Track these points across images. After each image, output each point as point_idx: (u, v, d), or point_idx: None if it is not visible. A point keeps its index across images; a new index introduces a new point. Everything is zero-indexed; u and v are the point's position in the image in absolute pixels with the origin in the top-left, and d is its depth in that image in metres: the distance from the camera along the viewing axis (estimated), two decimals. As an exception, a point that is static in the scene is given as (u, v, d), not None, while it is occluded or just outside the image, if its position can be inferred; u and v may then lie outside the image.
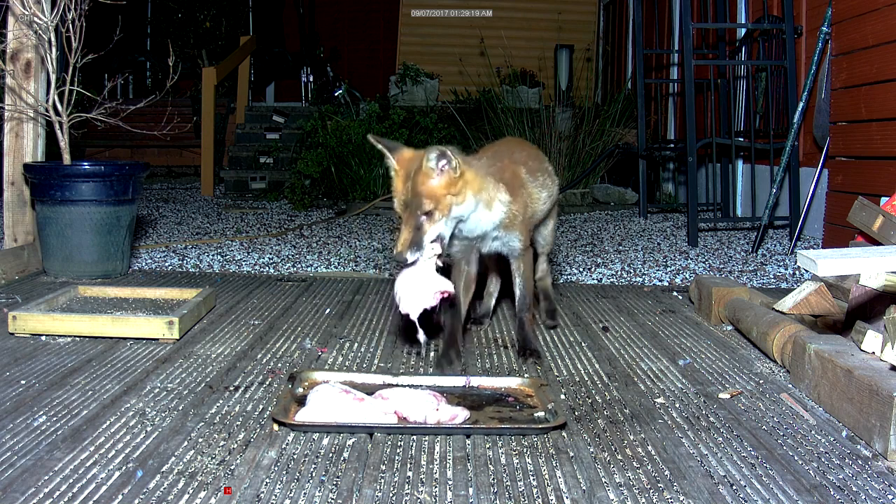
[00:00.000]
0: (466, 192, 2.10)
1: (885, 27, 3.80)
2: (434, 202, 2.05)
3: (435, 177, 2.05)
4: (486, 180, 2.18)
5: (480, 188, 2.15)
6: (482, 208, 2.18)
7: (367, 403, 1.78)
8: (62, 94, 3.26)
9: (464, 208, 2.12)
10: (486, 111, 7.39)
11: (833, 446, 1.70)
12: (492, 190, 2.19)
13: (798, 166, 4.93)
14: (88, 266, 3.30)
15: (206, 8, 11.49)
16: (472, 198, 2.13)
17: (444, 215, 2.08)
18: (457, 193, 2.08)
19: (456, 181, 2.07)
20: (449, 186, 2.06)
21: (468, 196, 2.11)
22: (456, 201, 2.09)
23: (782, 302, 2.47)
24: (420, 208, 2.05)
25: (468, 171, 2.12)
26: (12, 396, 1.91)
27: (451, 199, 2.08)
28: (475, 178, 2.14)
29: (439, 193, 2.05)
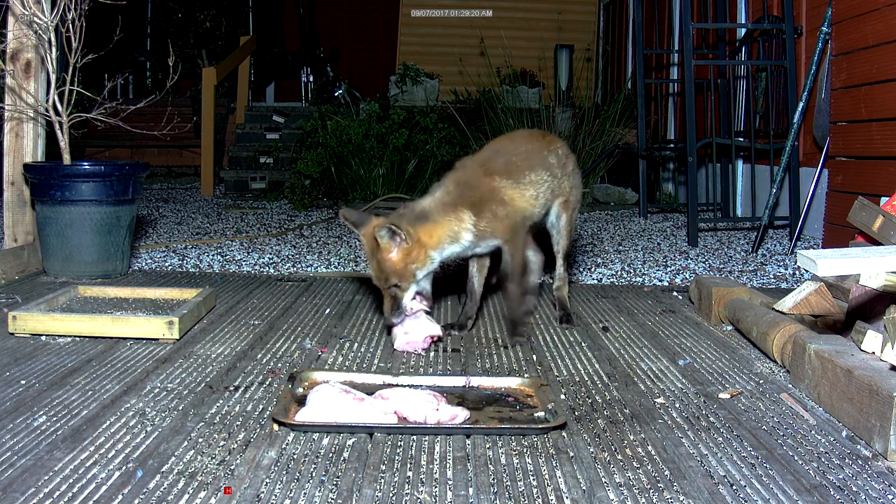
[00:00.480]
0: (426, 254, 2.34)
1: (885, 27, 3.80)
2: (398, 276, 2.33)
3: (393, 251, 2.31)
4: (446, 224, 2.37)
5: (441, 239, 2.36)
6: (450, 246, 2.40)
7: (367, 403, 1.78)
8: (62, 94, 3.26)
9: (428, 267, 2.37)
10: (486, 111, 7.40)
11: (833, 446, 1.70)
12: (454, 226, 2.38)
13: (798, 166, 4.93)
14: (88, 266, 3.30)
15: (206, 8, 11.49)
16: (435, 251, 2.36)
17: (410, 282, 2.35)
18: (415, 261, 2.33)
19: (411, 250, 2.32)
20: (406, 258, 2.32)
21: (430, 255, 2.35)
22: (418, 266, 2.34)
23: (782, 302, 2.47)
24: (388, 282, 2.34)
25: (423, 231, 2.33)
26: (12, 396, 1.91)
27: (413, 266, 2.33)
28: (433, 233, 2.35)
29: (399, 268, 2.32)
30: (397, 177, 7.08)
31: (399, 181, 7.08)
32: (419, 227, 2.33)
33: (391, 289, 2.35)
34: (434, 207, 2.39)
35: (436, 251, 2.37)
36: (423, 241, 2.33)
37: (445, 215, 2.37)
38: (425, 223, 2.35)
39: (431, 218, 2.36)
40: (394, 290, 2.35)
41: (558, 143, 2.78)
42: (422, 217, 2.36)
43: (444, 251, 2.40)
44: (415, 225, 2.33)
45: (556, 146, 2.73)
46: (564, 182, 2.70)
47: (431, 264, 2.38)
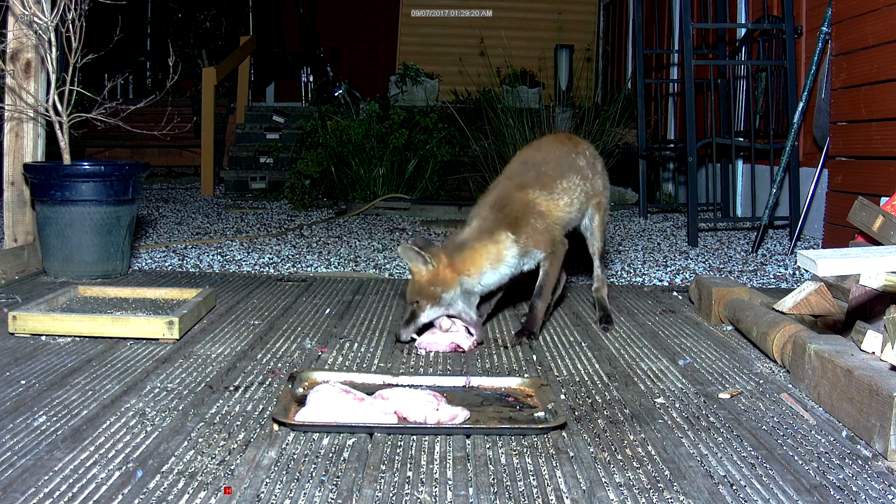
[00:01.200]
0: (457, 280, 2.42)
1: (885, 27, 3.80)
2: (420, 294, 2.42)
3: (420, 272, 2.41)
4: (483, 250, 2.44)
5: (480, 265, 2.44)
6: (493, 270, 2.47)
7: (367, 403, 1.78)
8: (62, 94, 3.26)
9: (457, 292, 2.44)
10: (486, 111, 7.39)
11: (833, 446, 1.70)
12: (492, 249, 2.45)
13: (798, 166, 4.93)
14: (88, 266, 3.30)
15: (206, 8, 11.49)
16: (471, 278, 2.44)
17: (433, 304, 2.42)
18: (440, 284, 2.41)
19: (437, 274, 2.41)
20: (433, 280, 2.41)
21: (463, 281, 2.43)
22: (443, 290, 2.42)
23: (782, 302, 2.47)
24: (411, 298, 2.44)
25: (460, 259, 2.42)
26: (12, 396, 1.91)
27: (437, 289, 2.41)
28: (470, 260, 2.43)
29: (423, 287, 2.41)
30: (397, 177, 7.08)
31: (399, 181, 7.08)
32: (456, 255, 2.43)
33: (413, 304, 2.44)
34: (471, 236, 2.47)
35: (473, 278, 2.44)
36: (457, 267, 2.42)
37: (482, 241, 2.45)
38: (462, 252, 2.44)
39: (469, 246, 2.45)
40: (414, 307, 2.43)
41: (585, 144, 2.79)
42: (461, 246, 2.45)
43: (486, 276, 2.47)
44: (452, 254, 2.43)
45: (583, 148, 2.74)
46: (597, 182, 2.72)
47: (465, 290, 2.45)
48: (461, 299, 2.46)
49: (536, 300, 2.57)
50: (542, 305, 2.56)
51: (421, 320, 2.44)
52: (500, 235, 2.45)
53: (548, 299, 2.59)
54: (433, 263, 2.40)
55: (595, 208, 2.73)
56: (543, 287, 2.56)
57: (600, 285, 2.81)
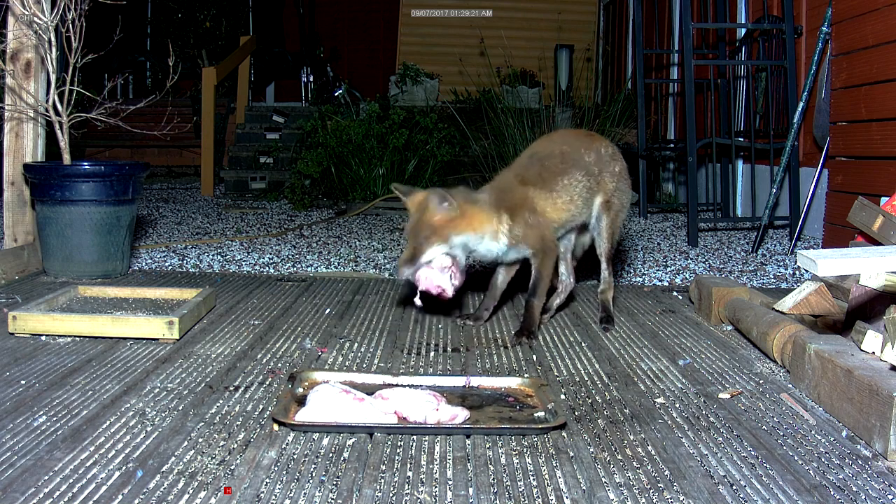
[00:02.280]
0: (465, 229, 2.45)
1: (885, 27, 3.80)
2: (431, 230, 2.41)
3: (437, 213, 2.41)
4: (489, 216, 2.48)
5: (482, 224, 2.47)
6: (489, 240, 2.50)
7: (367, 403, 1.78)
8: (62, 94, 3.26)
9: (464, 239, 2.46)
10: (486, 111, 7.39)
11: (833, 446, 1.70)
12: (495, 223, 2.49)
13: (798, 166, 4.93)
14: (88, 266, 3.30)
15: (206, 8, 11.49)
16: (474, 233, 2.47)
17: (441, 242, 2.43)
18: (455, 228, 2.43)
19: (454, 218, 2.43)
20: (447, 221, 2.42)
21: (467, 232, 2.45)
22: (455, 232, 2.43)
23: (782, 302, 2.47)
24: (419, 235, 2.42)
25: (470, 210, 2.45)
26: (12, 396, 1.91)
27: (449, 231, 2.43)
28: (476, 216, 2.46)
29: (437, 225, 2.42)
30: (397, 177, 7.08)
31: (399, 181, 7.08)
32: (470, 206, 2.46)
33: (418, 241, 2.41)
34: (485, 200, 2.51)
35: (475, 234, 2.47)
36: (469, 217, 2.45)
37: (490, 210, 2.49)
38: (476, 205, 2.47)
39: (480, 204, 2.49)
40: (421, 242, 2.41)
41: (602, 142, 2.77)
42: (476, 201, 2.49)
43: (483, 242, 2.50)
44: (468, 202, 2.46)
45: (598, 145, 2.73)
46: (606, 180, 2.70)
47: (467, 242, 2.47)
48: (461, 247, 2.48)
49: (531, 299, 2.58)
50: (537, 303, 2.58)
51: (424, 258, 2.42)
52: (502, 216, 2.50)
53: (542, 298, 2.60)
54: (455, 209, 2.41)
55: (602, 208, 2.71)
56: (537, 286, 2.57)
57: (606, 288, 2.80)
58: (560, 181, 2.59)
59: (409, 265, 2.42)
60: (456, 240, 2.45)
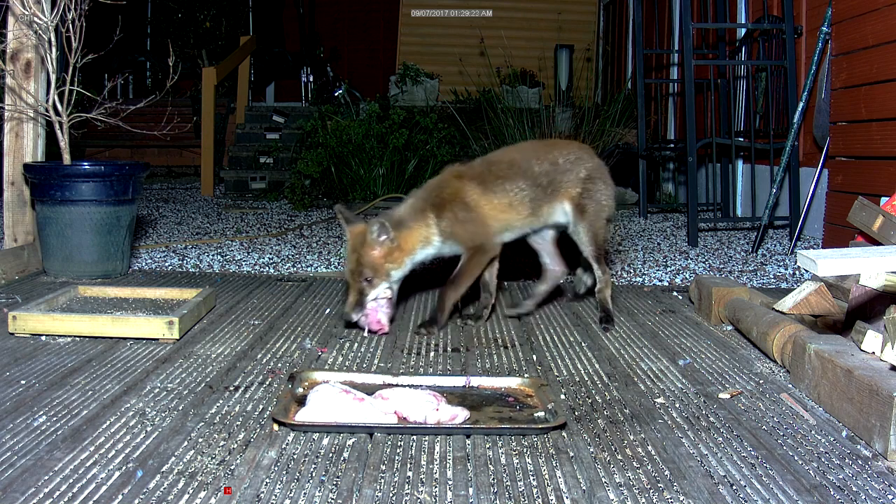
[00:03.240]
0: (402, 257, 2.48)
1: (885, 27, 3.80)
2: (373, 271, 2.45)
3: (377, 248, 2.44)
4: (417, 230, 2.51)
5: (415, 244, 2.50)
6: (422, 250, 2.53)
7: (367, 403, 1.78)
8: (62, 94, 3.26)
9: (403, 269, 2.50)
10: (486, 111, 7.39)
11: (833, 446, 1.70)
12: (424, 230, 2.52)
13: (798, 166, 4.93)
14: (88, 266, 3.30)
15: (206, 8, 11.49)
16: (410, 256, 2.50)
17: (384, 280, 2.47)
18: (393, 261, 2.47)
19: (393, 251, 2.46)
20: (387, 257, 2.45)
21: (404, 259, 2.48)
22: (394, 267, 2.47)
23: (782, 302, 2.47)
24: (362, 276, 2.45)
25: (403, 235, 2.48)
26: (12, 396, 1.91)
27: (389, 266, 2.46)
28: (409, 238, 2.49)
29: (378, 264, 2.45)
30: (397, 177, 7.08)
31: (399, 181, 7.08)
32: (401, 231, 2.49)
33: (362, 283, 2.46)
34: (408, 214, 2.53)
35: (409, 257, 2.51)
36: (402, 243, 2.48)
37: (416, 221, 2.51)
38: (401, 230, 2.49)
39: (406, 224, 2.50)
40: (363, 285, 2.46)
41: (564, 150, 2.74)
42: (399, 224, 2.50)
43: (417, 256, 2.53)
44: (399, 227, 2.49)
45: (556, 154, 2.70)
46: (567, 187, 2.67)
47: (405, 268, 2.52)
48: (399, 280, 2.53)
49: (446, 289, 2.59)
50: (451, 294, 2.59)
51: (370, 300, 2.48)
52: (428, 217, 2.52)
53: (460, 291, 2.60)
54: (394, 240, 2.45)
55: (577, 213, 2.68)
56: (457, 277, 2.58)
57: (603, 286, 2.79)
58: (501, 184, 2.58)
59: (359, 310, 2.46)
60: (396, 274, 2.50)
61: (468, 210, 2.54)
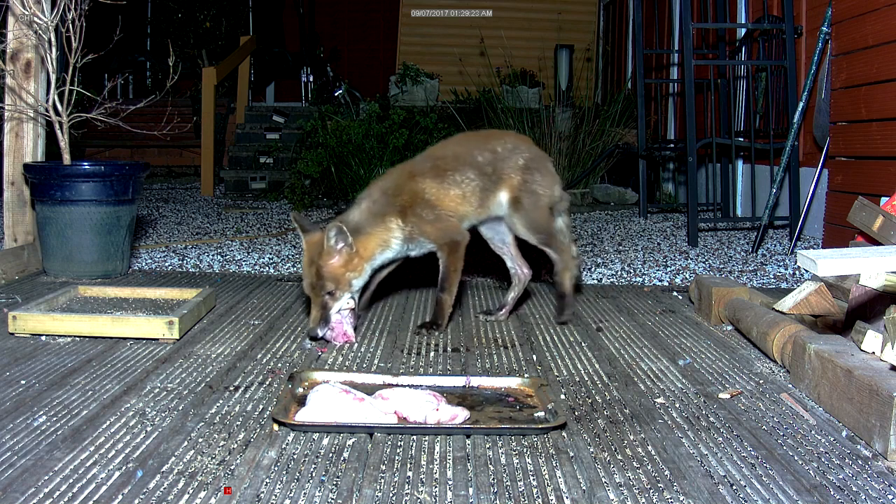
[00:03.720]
0: (361, 263, 2.44)
1: (885, 27, 3.80)
2: (335, 282, 2.39)
3: (335, 257, 2.39)
4: (377, 234, 2.47)
5: (373, 250, 2.46)
6: (381, 255, 2.50)
7: (367, 403, 1.78)
8: (62, 94, 3.26)
9: (364, 276, 2.47)
10: (486, 111, 7.40)
11: (833, 446, 1.70)
12: (384, 234, 2.48)
13: (798, 166, 4.93)
14: (88, 266, 3.30)
15: (206, 8, 11.48)
16: (369, 262, 2.46)
17: (345, 290, 2.42)
18: (353, 269, 2.42)
19: (351, 258, 2.41)
20: (346, 265, 2.40)
21: (363, 266, 2.45)
22: (354, 276, 2.43)
23: (782, 302, 2.47)
24: (324, 290, 2.40)
25: (360, 241, 2.43)
26: (12, 396, 1.91)
27: (350, 275, 2.42)
28: (367, 245, 2.45)
29: (338, 274, 2.40)
30: (397, 177, 7.07)
31: (399, 181, 7.07)
32: (358, 237, 2.44)
33: (324, 297, 2.40)
34: (365, 219, 2.48)
35: (369, 262, 2.48)
36: (361, 249, 2.44)
37: (375, 225, 2.47)
38: (359, 236, 2.44)
39: (363, 230, 2.46)
40: (326, 299, 2.40)
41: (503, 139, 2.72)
42: (356, 230, 2.44)
43: (376, 261, 2.51)
44: (356, 233, 2.44)
45: (495, 144, 2.69)
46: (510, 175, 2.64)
47: (365, 275, 2.48)
48: (360, 287, 2.49)
49: (441, 294, 2.59)
50: (447, 298, 2.59)
51: (333, 311, 2.42)
52: (390, 222, 2.49)
53: (453, 292, 2.60)
54: (352, 246, 2.40)
55: (511, 204, 2.65)
56: (445, 280, 2.58)
57: (562, 268, 2.72)
58: (451, 176, 2.57)
59: (324, 325, 2.41)
60: (357, 283, 2.46)
61: (433, 208, 2.53)
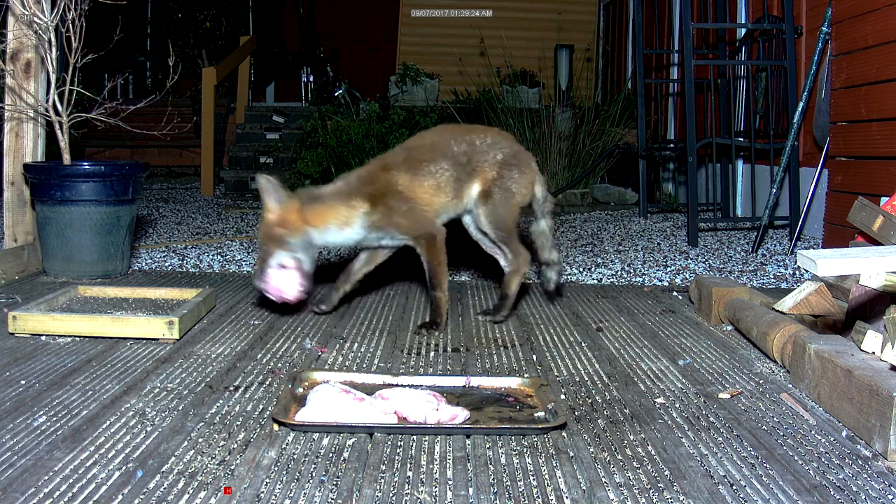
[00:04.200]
0: (304, 229, 2.49)
1: (885, 27, 3.80)
2: (269, 238, 2.49)
3: (271, 214, 2.48)
4: (335, 209, 2.52)
5: (326, 220, 2.51)
6: (338, 230, 2.54)
7: (367, 403, 1.78)
8: (62, 94, 3.26)
9: (305, 239, 2.50)
10: (486, 111, 7.40)
11: (833, 446, 1.70)
12: (344, 212, 2.52)
13: (798, 166, 4.93)
14: (88, 266, 3.30)
15: (206, 8, 11.48)
16: (316, 230, 2.51)
17: (280, 247, 2.49)
18: (289, 228, 2.47)
19: (287, 218, 2.47)
20: (280, 223, 2.47)
21: (308, 231, 2.50)
22: (289, 235, 2.48)
23: (782, 302, 2.47)
24: (264, 243, 2.51)
25: (310, 209, 2.49)
26: (12, 396, 1.91)
27: (284, 232, 2.47)
28: (319, 214, 2.50)
29: (270, 231, 2.48)
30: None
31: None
32: (308, 205, 2.50)
33: (263, 249, 2.51)
34: (329, 193, 2.56)
35: (317, 230, 2.51)
36: (306, 216, 2.48)
37: (337, 201, 2.53)
38: (314, 203, 2.51)
39: (322, 200, 2.53)
40: (263, 251, 2.51)
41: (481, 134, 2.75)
42: (315, 198, 2.53)
43: (330, 234, 2.54)
44: (305, 203, 2.50)
45: (473, 136, 2.71)
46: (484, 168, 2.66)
47: (307, 239, 2.51)
48: (303, 248, 2.52)
49: (434, 293, 2.62)
50: (440, 295, 2.62)
51: (270, 265, 2.50)
52: (355, 202, 2.53)
53: (444, 287, 2.63)
54: (285, 202, 2.47)
55: (481, 197, 2.67)
56: (432, 276, 2.61)
57: (513, 270, 2.73)
58: (425, 167, 2.60)
59: (259, 276, 2.50)
60: (294, 242, 2.49)
61: (405, 200, 2.56)
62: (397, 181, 2.57)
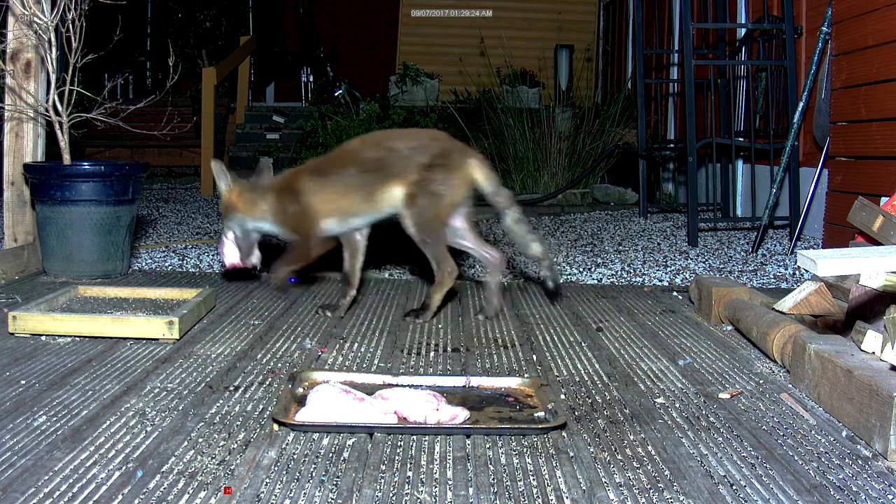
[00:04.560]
0: (240, 213, 2.84)
1: (885, 27, 3.80)
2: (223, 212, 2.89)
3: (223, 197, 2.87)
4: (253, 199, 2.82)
5: (249, 207, 2.83)
6: (257, 222, 2.85)
7: (367, 403, 1.78)
8: (62, 94, 3.26)
9: (239, 221, 2.85)
10: (486, 111, 7.39)
11: (833, 446, 1.70)
12: (260, 205, 2.82)
13: (798, 166, 4.93)
14: (88, 266, 3.30)
15: (206, 8, 11.49)
16: (244, 216, 2.84)
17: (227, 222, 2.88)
18: (230, 209, 2.84)
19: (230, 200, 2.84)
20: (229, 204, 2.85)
21: (242, 216, 2.84)
22: (232, 214, 2.85)
23: (782, 302, 2.47)
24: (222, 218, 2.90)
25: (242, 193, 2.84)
26: (12, 396, 1.91)
27: (231, 212, 2.85)
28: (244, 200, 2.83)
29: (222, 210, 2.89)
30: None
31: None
32: (242, 194, 2.83)
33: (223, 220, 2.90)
34: (261, 186, 2.85)
35: (246, 216, 2.83)
36: (238, 203, 2.82)
37: (258, 195, 2.82)
38: (246, 193, 2.83)
39: (252, 191, 2.84)
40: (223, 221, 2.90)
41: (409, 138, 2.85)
42: (250, 188, 2.85)
43: (253, 221, 2.83)
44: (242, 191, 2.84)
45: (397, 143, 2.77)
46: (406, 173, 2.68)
47: (238, 221, 2.85)
48: (239, 227, 2.86)
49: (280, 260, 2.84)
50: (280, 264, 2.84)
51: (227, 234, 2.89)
52: (268, 198, 2.81)
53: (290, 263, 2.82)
54: (230, 187, 2.84)
55: (407, 200, 2.68)
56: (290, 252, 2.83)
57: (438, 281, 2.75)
58: (336, 171, 2.75)
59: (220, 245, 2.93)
60: (231, 222, 2.85)
61: (297, 203, 2.75)
62: (301, 182, 2.77)
